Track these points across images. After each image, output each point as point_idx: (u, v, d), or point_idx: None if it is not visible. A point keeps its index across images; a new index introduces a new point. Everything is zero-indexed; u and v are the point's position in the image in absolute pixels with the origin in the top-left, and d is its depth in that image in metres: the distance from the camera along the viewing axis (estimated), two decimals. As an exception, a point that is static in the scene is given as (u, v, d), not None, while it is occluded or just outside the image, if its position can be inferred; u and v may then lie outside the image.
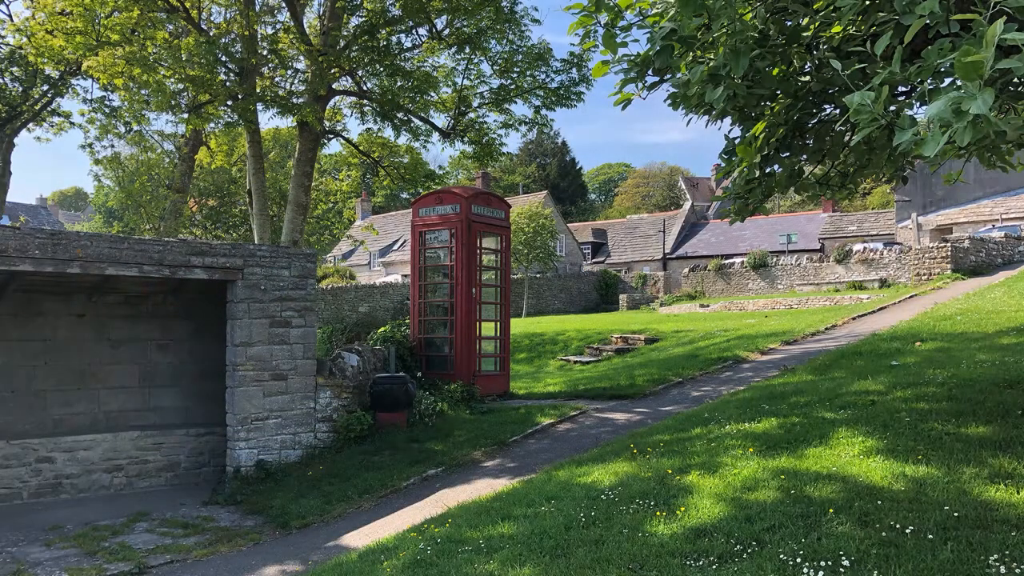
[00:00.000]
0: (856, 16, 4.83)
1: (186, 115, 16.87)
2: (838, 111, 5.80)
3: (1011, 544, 3.86)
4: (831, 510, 4.60)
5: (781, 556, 4.06)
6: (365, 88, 17.77)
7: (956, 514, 4.29)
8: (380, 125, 18.61)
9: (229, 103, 16.14)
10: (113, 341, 10.52)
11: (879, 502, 4.62)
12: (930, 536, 4.07)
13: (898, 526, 4.24)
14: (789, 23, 5.32)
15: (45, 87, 22.10)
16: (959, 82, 3.17)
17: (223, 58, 15.37)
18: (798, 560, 3.99)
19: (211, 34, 15.97)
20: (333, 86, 16.66)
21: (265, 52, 16.45)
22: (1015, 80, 4.05)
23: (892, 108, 4.05)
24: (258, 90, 16.31)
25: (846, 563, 3.87)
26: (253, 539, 7.50)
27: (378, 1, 16.40)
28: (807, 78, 5.60)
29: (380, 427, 10.21)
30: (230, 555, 7.07)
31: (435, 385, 11.87)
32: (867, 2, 4.52)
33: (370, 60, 16.30)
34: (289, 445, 9.77)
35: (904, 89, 5.50)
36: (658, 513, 5.05)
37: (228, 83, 15.68)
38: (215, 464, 10.38)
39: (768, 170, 6.31)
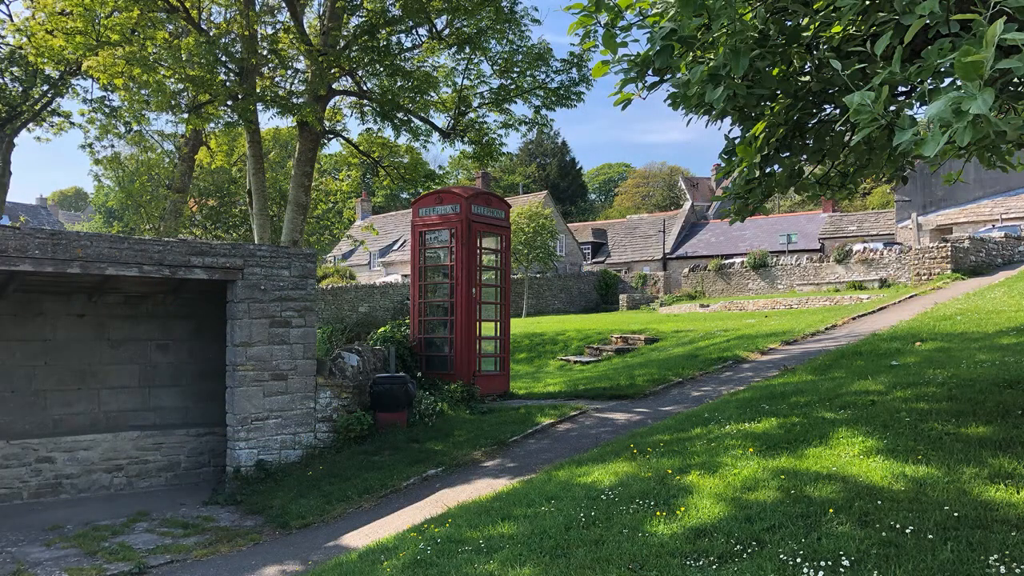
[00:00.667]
0: (856, 16, 4.84)
1: (186, 115, 16.87)
2: (838, 111, 5.80)
3: (1011, 544, 3.86)
4: (831, 510, 4.60)
5: (781, 556, 4.06)
6: (365, 88, 17.77)
7: (956, 514, 4.29)
8: (380, 125, 18.61)
9: (229, 103, 16.14)
10: (113, 341, 10.52)
11: (879, 502, 4.62)
12: (930, 536, 4.06)
13: (898, 526, 4.23)
14: (789, 23, 5.32)
15: (45, 87, 22.10)
16: (959, 82, 3.17)
17: (223, 58, 15.37)
18: (798, 560, 3.99)
19: (211, 34, 15.97)
20: (333, 86, 16.66)
21: (265, 52, 16.45)
22: (1015, 80, 4.05)
23: (892, 108, 4.05)
24: (258, 90, 16.31)
25: (846, 563, 3.87)
26: (253, 539, 7.50)
27: (378, 1, 16.40)
28: (807, 78, 5.60)
29: (380, 427, 10.21)
30: (230, 555, 7.08)
31: (435, 385, 11.87)
32: (867, 2, 4.52)
33: (370, 60, 16.29)
34: (289, 445, 9.77)
35: (904, 89, 5.50)
36: (658, 513, 5.05)
37: (228, 83, 15.68)
38: (215, 464, 10.38)
39: (768, 170, 6.31)
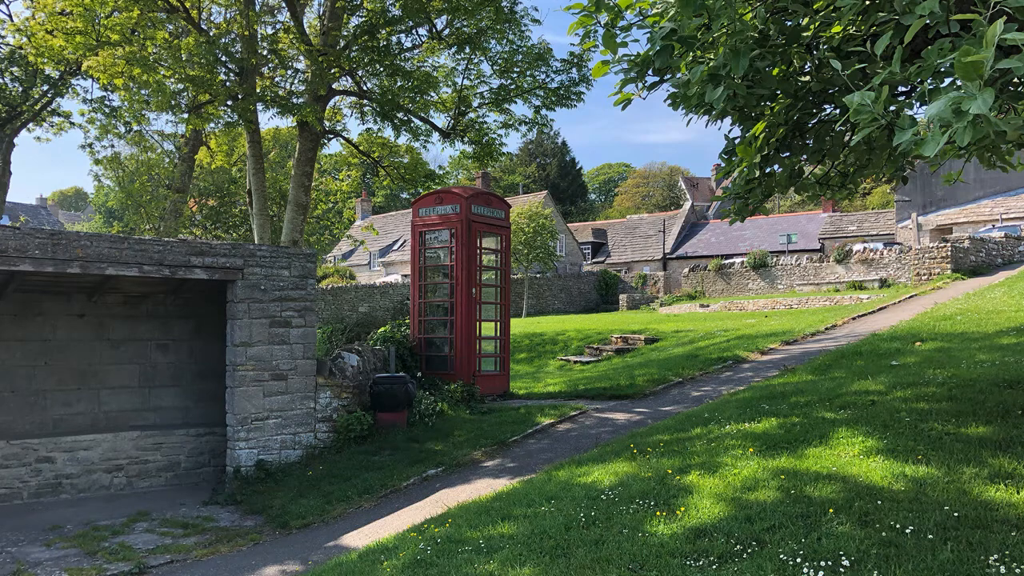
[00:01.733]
0: (856, 16, 4.84)
1: (186, 115, 16.86)
2: (838, 111, 5.80)
3: (1011, 544, 3.86)
4: (831, 510, 4.60)
5: (781, 556, 4.06)
6: (365, 88, 17.77)
7: (956, 514, 4.29)
8: (380, 125, 18.60)
9: (229, 103, 16.14)
10: (113, 341, 10.52)
11: (879, 502, 4.62)
12: (930, 536, 4.06)
13: (898, 526, 4.24)
14: (789, 23, 5.32)
15: (45, 87, 22.10)
16: (959, 82, 3.17)
17: (223, 58, 15.37)
18: (798, 560, 3.99)
19: (211, 34, 15.97)
20: (333, 86, 16.66)
21: (265, 52, 16.45)
22: (1015, 80, 4.05)
23: (892, 108, 4.05)
24: (258, 90, 16.30)
25: (846, 563, 3.87)
26: (253, 539, 7.50)
27: (378, 1, 16.40)
28: (807, 78, 5.61)
29: (380, 427, 10.21)
30: (230, 555, 7.08)
31: (435, 385, 11.87)
32: (867, 2, 4.52)
33: (370, 60, 16.29)
34: (289, 445, 9.77)
35: (904, 89, 5.50)
36: (658, 513, 5.05)
37: (228, 83, 15.67)
38: (215, 464, 10.38)
39: (768, 170, 6.31)
